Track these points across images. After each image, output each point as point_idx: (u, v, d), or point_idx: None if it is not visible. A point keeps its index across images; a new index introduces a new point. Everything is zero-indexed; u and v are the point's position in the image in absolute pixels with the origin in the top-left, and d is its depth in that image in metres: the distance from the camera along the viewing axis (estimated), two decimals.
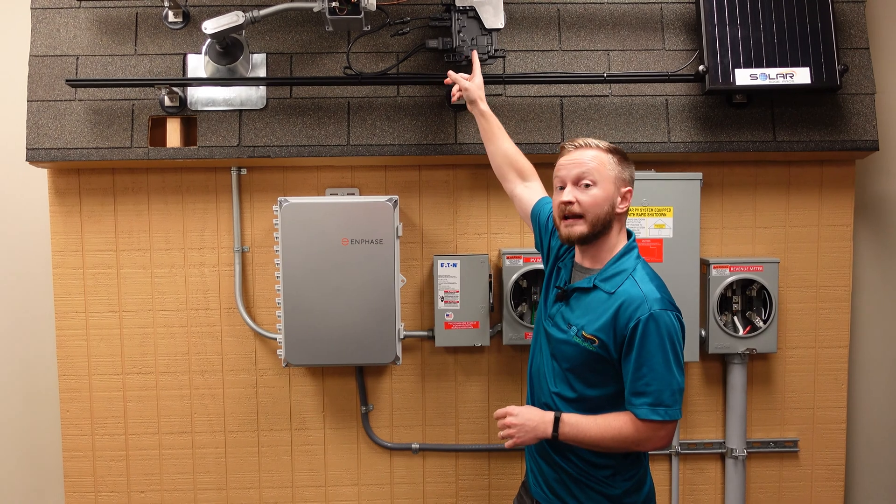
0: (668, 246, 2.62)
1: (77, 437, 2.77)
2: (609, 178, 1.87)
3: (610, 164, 1.88)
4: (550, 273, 2.05)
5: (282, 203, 2.52)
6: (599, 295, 1.87)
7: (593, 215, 1.85)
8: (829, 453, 2.84)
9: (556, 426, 1.84)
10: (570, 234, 1.87)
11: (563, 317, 1.92)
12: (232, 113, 2.62)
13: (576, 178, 1.86)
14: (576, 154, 1.89)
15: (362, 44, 2.63)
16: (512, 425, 1.86)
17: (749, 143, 2.64)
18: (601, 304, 1.85)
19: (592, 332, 1.84)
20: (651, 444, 1.83)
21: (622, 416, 1.83)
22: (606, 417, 1.84)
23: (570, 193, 1.86)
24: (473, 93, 2.31)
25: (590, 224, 1.85)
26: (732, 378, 2.75)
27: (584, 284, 1.90)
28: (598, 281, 1.88)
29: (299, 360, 2.58)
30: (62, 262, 2.73)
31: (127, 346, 2.76)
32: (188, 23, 2.64)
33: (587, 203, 1.85)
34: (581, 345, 1.85)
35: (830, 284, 2.80)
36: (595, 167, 1.86)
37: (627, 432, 1.82)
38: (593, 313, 1.86)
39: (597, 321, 1.84)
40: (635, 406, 1.81)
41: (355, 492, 2.82)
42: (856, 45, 2.66)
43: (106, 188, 2.72)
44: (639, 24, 2.67)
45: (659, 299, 1.82)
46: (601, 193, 1.86)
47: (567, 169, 1.88)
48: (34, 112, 2.60)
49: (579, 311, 1.89)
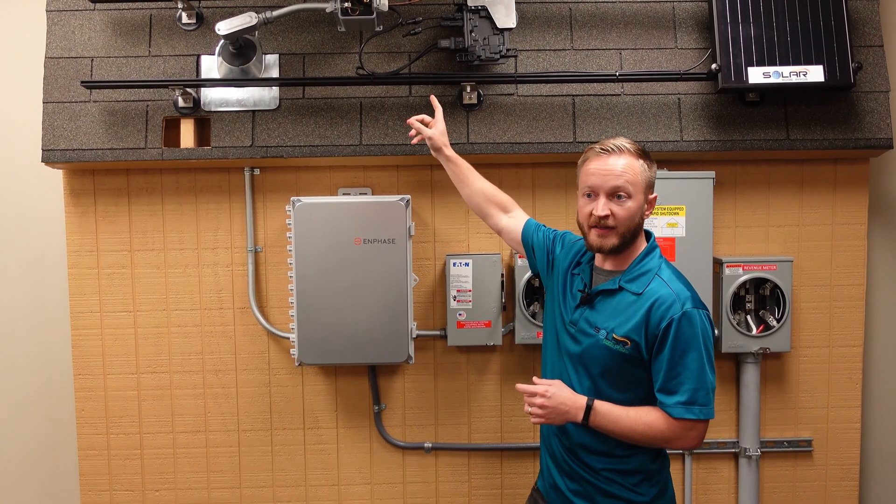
0: (681, 245, 2.61)
1: (92, 435, 2.79)
2: (641, 187, 1.84)
3: (641, 170, 1.85)
4: (565, 283, 2.00)
5: (295, 203, 2.53)
6: (626, 296, 1.84)
7: (625, 228, 1.83)
8: (843, 453, 2.83)
9: (588, 413, 1.82)
10: (603, 245, 1.84)
11: (588, 321, 1.88)
12: (245, 113, 2.63)
13: (612, 190, 1.82)
14: (610, 161, 1.83)
15: (374, 44, 2.63)
16: (544, 406, 1.83)
17: (762, 141, 2.63)
18: (629, 305, 1.83)
19: (624, 333, 1.81)
20: (680, 443, 1.81)
21: (655, 412, 1.82)
22: (639, 411, 1.82)
23: (606, 207, 1.81)
24: (437, 140, 2.25)
25: (621, 236, 1.83)
26: (746, 377, 2.74)
27: (609, 287, 1.87)
28: (624, 282, 1.85)
29: (312, 360, 2.59)
30: (77, 262, 2.75)
31: (141, 346, 2.78)
32: (201, 24, 2.66)
33: (622, 217, 1.82)
34: (613, 348, 1.83)
35: (844, 283, 2.79)
36: (630, 178, 1.82)
37: (659, 428, 1.80)
38: (622, 315, 1.83)
39: (627, 323, 1.82)
40: (669, 405, 1.79)
41: (368, 491, 2.83)
42: (870, 43, 2.65)
43: (120, 189, 2.75)
44: (651, 23, 2.67)
45: (690, 297, 1.81)
46: (635, 206, 1.83)
47: (601, 178, 1.82)
48: (50, 113, 2.62)
49: (606, 314, 1.86)
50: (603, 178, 1.82)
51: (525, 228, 2.17)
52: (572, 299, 1.95)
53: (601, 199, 1.82)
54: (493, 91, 2.64)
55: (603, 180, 1.82)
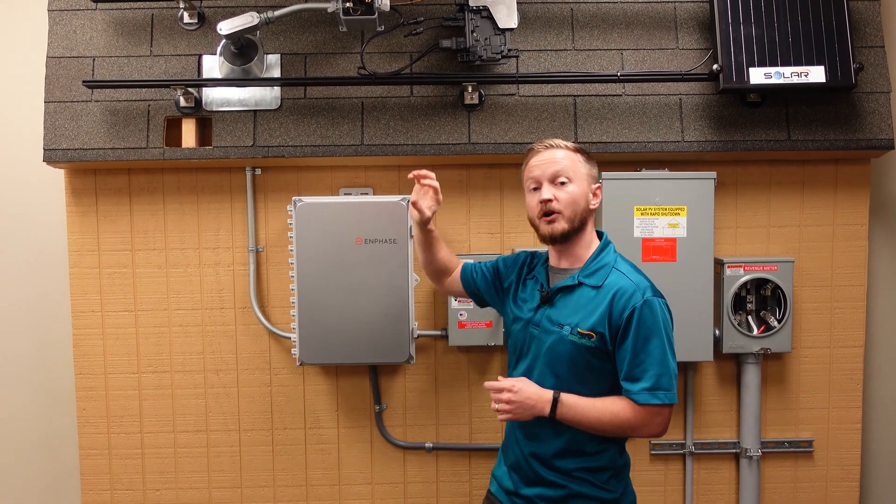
0: (682, 245, 2.61)
1: (93, 435, 2.79)
2: (582, 175, 1.93)
3: (580, 161, 1.94)
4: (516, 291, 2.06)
5: (296, 203, 2.53)
6: (586, 291, 1.90)
7: (571, 211, 1.90)
8: (844, 453, 2.83)
9: (555, 406, 1.85)
10: (553, 230, 1.90)
11: (550, 318, 1.92)
12: (247, 113, 2.63)
13: (552, 176, 1.91)
14: (547, 154, 1.93)
15: (376, 44, 2.63)
16: (511, 401, 1.85)
17: (763, 142, 2.63)
18: (591, 299, 1.88)
19: (589, 327, 1.86)
20: (647, 429, 1.85)
21: (621, 401, 1.86)
22: (604, 401, 1.87)
23: (549, 191, 1.90)
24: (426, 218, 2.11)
25: (569, 220, 1.90)
26: (747, 378, 2.74)
27: (568, 283, 1.92)
28: (583, 277, 1.91)
29: (313, 359, 2.60)
30: (79, 261, 2.75)
31: (142, 345, 2.78)
32: (203, 24, 2.66)
33: (565, 200, 1.89)
34: (578, 342, 1.87)
35: (845, 284, 2.79)
36: (569, 165, 1.91)
37: (626, 416, 1.84)
38: (585, 309, 1.88)
39: (591, 316, 1.86)
40: (634, 392, 1.83)
41: (369, 490, 2.83)
42: (871, 44, 2.65)
43: (122, 188, 2.75)
44: (652, 24, 2.67)
45: (649, 287, 1.87)
46: (577, 190, 1.91)
47: (541, 168, 1.92)
48: (51, 113, 2.62)
49: (567, 310, 1.90)
50: (543, 168, 1.92)
51: (463, 275, 2.22)
52: (531, 302, 1.99)
53: (544, 186, 1.91)
54: (495, 91, 2.64)
55: (543, 170, 1.92)
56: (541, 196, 1.90)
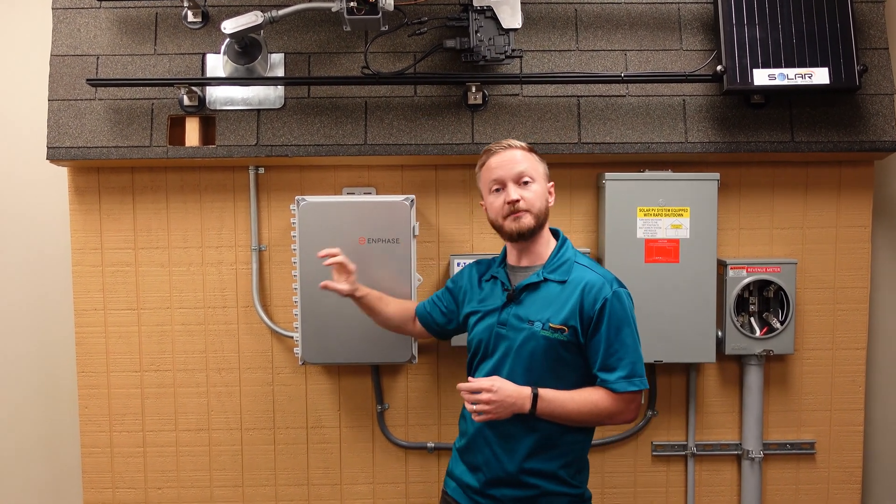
0: (685, 246, 2.61)
1: (95, 433, 2.80)
2: (541, 174, 2.00)
3: (537, 161, 2.01)
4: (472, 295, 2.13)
5: (299, 202, 2.53)
6: (552, 287, 1.95)
7: (537, 209, 1.96)
8: (846, 455, 2.83)
9: (535, 401, 1.87)
10: (521, 226, 1.95)
11: (518, 316, 1.96)
12: (250, 112, 2.63)
13: (517, 176, 1.96)
14: (507, 154, 1.98)
15: (380, 44, 2.63)
16: (491, 401, 1.85)
17: (767, 143, 2.63)
18: (558, 295, 1.94)
19: (561, 321, 1.91)
20: (623, 416, 1.92)
21: (597, 390, 1.91)
22: (581, 392, 1.91)
23: (516, 192, 1.95)
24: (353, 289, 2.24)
25: (535, 217, 1.96)
26: (749, 379, 2.74)
27: (533, 280, 1.97)
28: (547, 273, 1.97)
29: (315, 359, 2.60)
30: (81, 259, 2.75)
31: (145, 344, 2.78)
32: (207, 23, 2.66)
33: (531, 199, 1.95)
34: (551, 337, 1.91)
35: (848, 286, 2.79)
36: (530, 165, 1.98)
37: (605, 405, 1.90)
38: (554, 305, 1.93)
39: (562, 310, 1.91)
40: (611, 381, 1.89)
41: (370, 490, 2.83)
42: (875, 46, 2.65)
43: (125, 187, 2.75)
44: (656, 24, 2.67)
45: (614, 279, 1.96)
46: (539, 189, 1.98)
47: (505, 169, 1.96)
48: (55, 111, 2.62)
49: (536, 307, 1.95)
50: (507, 169, 1.96)
51: (421, 319, 2.29)
52: (494, 301, 2.03)
53: (510, 186, 1.96)
54: (498, 91, 2.64)
55: (507, 170, 1.96)
56: (508, 197, 1.94)
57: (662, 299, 2.60)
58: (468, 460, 2.05)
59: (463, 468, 2.06)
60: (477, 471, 2.01)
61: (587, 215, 2.77)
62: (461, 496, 2.05)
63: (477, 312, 2.07)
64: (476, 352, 2.06)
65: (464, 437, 2.08)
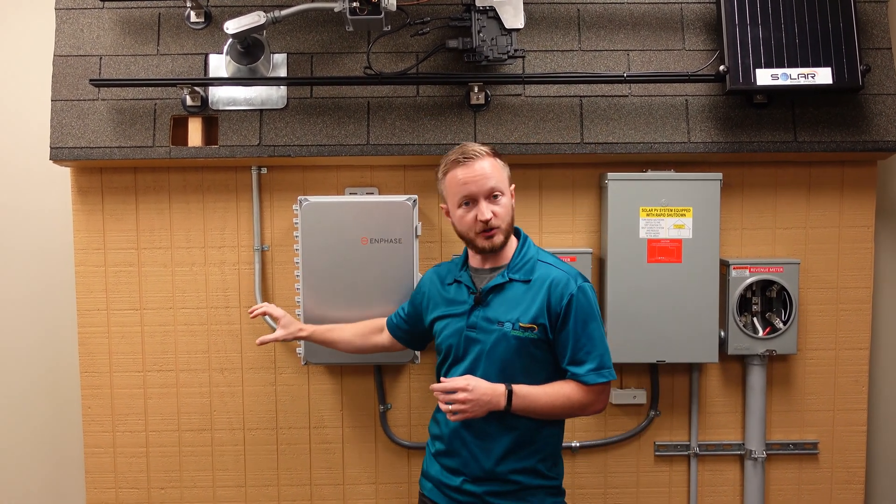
0: (688, 246, 2.61)
1: (98, 433, 2.80)
2: (506, 182, 2.01)
3: (502, 167, 2.01)
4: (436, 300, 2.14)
5: (302, 202, 2.54)
6: (517, 287, 1.98)
7: (506, 224, 1.99)
8: (849, 456, 2.82)
9: (510, 398, 1.90)
10: (493, 244, 1.97)
11: (487, 318, 1.98)
12: (253, 112, 2.63)
13: (489, 192, 1.96)
14: (477, 166, 1.96)
15: (382, 44, 2.64)
16: (467, 400, 1.87)
17: (769, 143, 2.63)
18: (524, 294, 1.97)
19: (530, 320, 1.94)
20: (594, 408, 1.96)
21: (568, 384, 1.95)
22: (553, 386, 1.95)
23: (489, 209, 1.95)
24: (291, 332, 2.34)
25: (504, 232, 1.99)
26: (752, 379, 2.74)
27: (499, 281, 2.00)
28: (512, 273, 1.99)
29: (318, 359, 2.60)
30: (84, 259, 2.76)
31: (148, 344, 2.78)
32: (210, 23, 2.66)
33: (502, 214, 1.97)
34: (522, 336, 1.94)
35: (851, 286, 2.78)
36: (498, 177, 1.98)
37: (577, 398, 1.93)
38: (522, 304, 1.96)
39: (530, 309, 1.94)
40: (582, 374, 1.93)
41: (373, 490, 2.83)
42: (878, 46, 2.64)
43: (128, 187, 2.75)
44: (659, 24, 2.67)
45: (578, 274, 1.99)
46: (508, 201, 2.00)
47: (477, 184, 1.95)
48: (58, 111, 2.63)
49: (503, 308, 1.97)
50: (479, 185, 1.95)
51: (393, 333, 2.34)
52: (461, 305, 2.05)
53: (482, 204, 1.96)
54: (501, 91, 2.64)
55: (479, 186, 1.95)
56: (482, 215, 1.94)
57: (665, 299, 2.60)
58: (445, 463, 2.06)
59: (439, 468, 2.08)
60: (456, 473, 2.03)
61: (589, 215, 2.77)
62: (439, 496, 2.07)
63: (443, 317, 2.08)
64: (447, 356, 2.07)
65: (439, 440, 2.09)
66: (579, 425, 2.80)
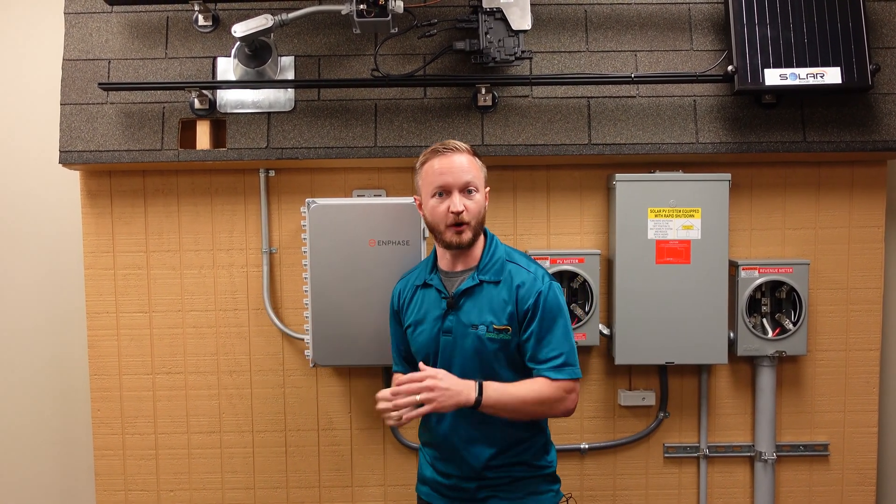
0: (696, 247, 2.60)
1: (108, 435, 2.81)
2: (482, 181, 1.99)
3: (479, 167, 1.99)
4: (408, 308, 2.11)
5: (309, 204, 2.54)
6: (488, 289, 1.97)
7: (476, 221, 1.96)
8: (860, 457, 2.81)
9: (481, 391, 1.86)
10: (461, 241, 1.94)
11: (461, 321, 1.97)
12: (260, 115, 2.64)
13: (464, 185, 1.94)
14: (455, 159, 1.94)
15: (389, 46, 2.64)
16: (435, 388, 1.81)
17: (778, 143, 2.61)
18: (495, 296, 1.96)
19: (504, 322, 1.94)
20: (563, 405, 1.93)
21: (538, 381, 1.92)
22: (524, 383, 1.93)
23: (461, 202, 1.92)
24: None
25: (474, 230, 1.96)
26: (761, 381, 2.72)
27: (469, 284, 1.98)
28: (481, 275, 1.98)
29: (326, 361, 2.60)
30: (94, 262, 2.77)
31: (157, 346, 2.79)
32: (217, 26, 2.67)
33: (474, 210, 1.95)
34: (496, 338, 1.94)
35: (861, 286, 2.77)
36: (476, 173, 1.96)
37: (546, 394, 1.90)
38: (493, 307, 1.95)
39: (503, 312, 1.94)
40: (546, 370, 1.91)
41: (381, 492, 2.83)
42: (887, 45, 2.63)
43: (137, 190, 2.76)
44: (666, 25, 2.66)
45: (545, 274, 1.98)
46: (481, 198, 1.97)
47: (453, 175, 1.93)
48: (67, 115, 2.64)
49: (476, 311, 1.96)
50: (455, 176, 1.93)
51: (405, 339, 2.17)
52: (433, 310, 2.03)
53: (455, 196, 1.93)
54: (508, 93, 2.64)
55: (455, 178, 1.93)
56: (454, 207, 1.91)
57: (674, 301, 2.59)
58: (440, 468, 2.09)
59: (433, 471, 2.11)
60: (449, 476, 2.06)
61: (598, 217, 2.76)
62: (436, 497, 2.09)
63: (416, 323, 2.06)
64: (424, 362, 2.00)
65: (430, 447, 2.12)
66: (588, 427, 2.80)
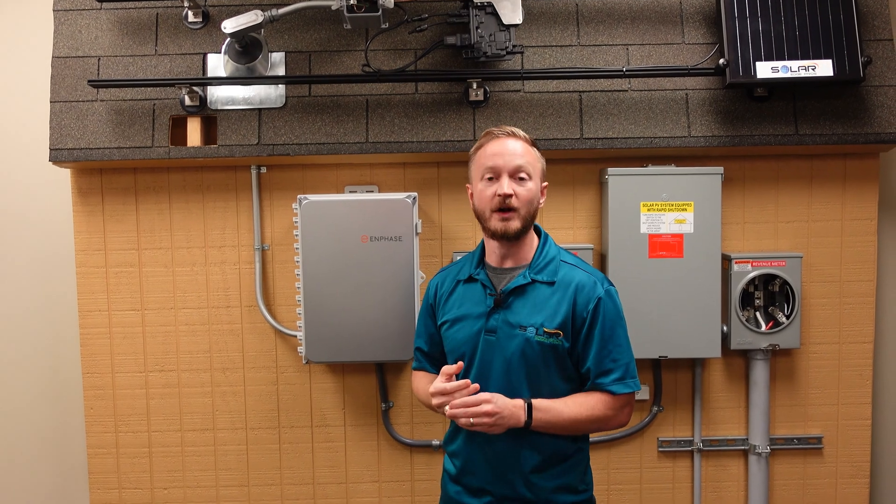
0: (689, 241, 2.60)
1: (101, 434, 2.80)
2: (538, 172, 1.88)
3: (537, 157, 1.89)
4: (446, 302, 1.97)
5: (301, 201, 2.53)
6: (541, 289, 1.85)
7: (526, 210, 1.84)
8: (853, 450, 2.81)
9: (530, 412, 1.77)
10: (507, 228, 1.82)
11: (508, 322, 1.84)
12: (251, 112, 2.63)
13: (515, 169, 1.83)
14: (509, 143, 1.85)
15: (380, 41, 2.63)
16: (492, 413, 1.72)
17: (771, 136, 2.61)
18: (549, 297, 1.83)
19: (556, 325, 1.81)
20: (618, 420, 1.84)
21: (591, 395, 1.83)
22: (575, 398, 1.82)
23: (510, 186, 1.81)
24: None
25: (523, 219, 1.84)
26: (755, 374, 2.72)
27: (521, 282, 1.85)
28: (534, 274, 1.86)
29: (320, 358, 2.59)
30: (85, 260, 2.76)
31: (149, 344, 2.78)
32: (207, 22, 2.66)
33: (524, 197, 1.83)
34: (546, 342, 1.81)
35: (854, 279, 2.77)
36: (530, 160, 1.85)
37: (601, 409, 1.81)
38: (546, 308, 1.82)
39: (556, 315, 1.81)
40: (607, 384, 1.81)
41: (376, 488, 2.83)
42: (879, 37, 2.63)
43: (128, 187, 2.75)
44: (658, 18, 2.66)
45: (604, 278, 1.88)
46: (534, 188, 1.85)
47: (504, 158, 1.83)
48: (57, 113, 2.63)
49: (526, 311, 1.83)
50: (506, 159, 1.83)
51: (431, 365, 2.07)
52: (480, 307, 1.88)
53: (504, 179, 1.82)
54: (500, 87, 2.63)
55: (506, 161, 1.83)
56: (501, 189, 1.81)
57: (667, 295, 2.59)
58: (467, 483, 1.92)
59: (458, 489, 1.94)
60: (483, 493, 1.89)
61: (590, 211, 2.76)
62: None
63: (455, 319, 1.92)
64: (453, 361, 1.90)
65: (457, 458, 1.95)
66: None
